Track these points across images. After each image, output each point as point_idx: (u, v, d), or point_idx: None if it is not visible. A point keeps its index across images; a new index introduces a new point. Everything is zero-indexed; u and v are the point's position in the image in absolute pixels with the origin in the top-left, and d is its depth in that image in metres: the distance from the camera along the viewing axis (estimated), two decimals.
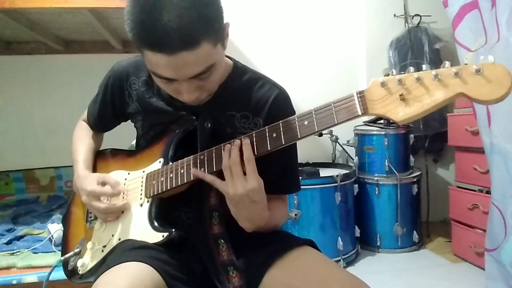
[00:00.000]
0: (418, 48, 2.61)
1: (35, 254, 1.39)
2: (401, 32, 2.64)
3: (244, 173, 0.72)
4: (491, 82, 0.53)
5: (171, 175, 0.82)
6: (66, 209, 1.09)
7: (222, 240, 0.82)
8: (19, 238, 1.54)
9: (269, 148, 0.71)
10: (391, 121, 0.59)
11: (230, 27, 0.76)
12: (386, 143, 2.23)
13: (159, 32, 0.64)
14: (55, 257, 0.95)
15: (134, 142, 1.08)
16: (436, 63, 2.62)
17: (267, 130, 0.72)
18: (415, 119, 0.57)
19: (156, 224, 0.82)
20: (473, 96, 0.54)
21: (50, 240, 1.44)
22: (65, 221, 1.07)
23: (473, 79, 0.54)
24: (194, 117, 0.86)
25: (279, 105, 0.89)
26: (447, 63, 0.57)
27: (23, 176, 2.30)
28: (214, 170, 0.77)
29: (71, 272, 0.94)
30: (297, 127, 0.69)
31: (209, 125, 0.85)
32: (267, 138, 0.72)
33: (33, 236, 1.55)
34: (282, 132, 0.70)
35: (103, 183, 0.89)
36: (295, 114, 0.90)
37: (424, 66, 0.57)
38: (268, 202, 0.79)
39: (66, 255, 0.95)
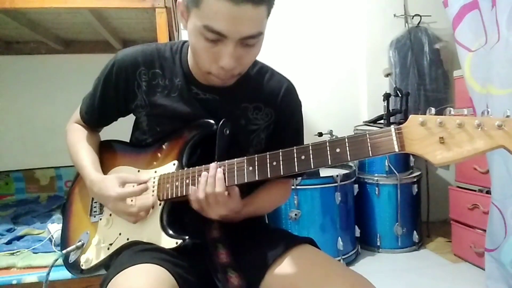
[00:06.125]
0: (418, 48, 2.62)
1: (35, 254, 1.38)
2: (401, 32, 2.64)
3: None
4: None
5: (187, 181, 0.80)
6: (66, 198, 1.04)
7: (220, 244, 0.82)
8: (19, 238, 1.54)
9: (296, 170, 0.69)
10: (427, 161, 0.58)
11: None
12: None
13: None
14: (55, 257, 0.94)
15: None
16: (436, 63, 2.62)
17: (295, 151, 0.70)
18: (453, 163, 0.58)
19: (169, 230, 0.80)
20: None
21: (50, 240, 1.44)
22: (65, 211, 1.02)
23: None
24: (213, 122, 0.84)
25: (290, 96, 0.92)
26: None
27: (23, 176, 2.29)
28: (235, 183, 0.75)
29: (72, 266, 0.92)
30: (328, 153, 0.66)
31: (228, 131, 0.84)
32: (295, 159, 0.69)
33: (33, 236, 1.55)
34: (311, 156, 0.68)
35: (124, 184, 0.83)
36: (301, 105, 0.94)
37: (465, 111, 0.57)
38: (272, 186, 0.91)
39: (68, 248, 0.92)
